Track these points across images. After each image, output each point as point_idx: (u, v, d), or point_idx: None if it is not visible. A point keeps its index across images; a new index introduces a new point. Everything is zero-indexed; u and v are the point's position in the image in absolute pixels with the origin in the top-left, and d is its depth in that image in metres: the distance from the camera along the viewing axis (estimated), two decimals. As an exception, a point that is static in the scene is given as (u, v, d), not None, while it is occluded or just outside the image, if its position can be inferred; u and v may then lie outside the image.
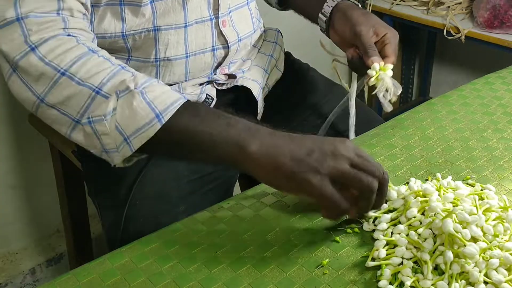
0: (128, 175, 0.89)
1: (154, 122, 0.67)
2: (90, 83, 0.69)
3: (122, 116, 0.68)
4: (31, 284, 1.61)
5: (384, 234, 0.66)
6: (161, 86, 0.70)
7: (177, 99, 0.69)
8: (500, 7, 1.68)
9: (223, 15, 0.93)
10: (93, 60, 0.71)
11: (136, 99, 0.68)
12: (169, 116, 0.67)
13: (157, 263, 0.65)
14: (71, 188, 1.40)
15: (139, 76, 0.70)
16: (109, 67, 0.71)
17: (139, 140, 0.68)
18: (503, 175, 0.78)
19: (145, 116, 0.67)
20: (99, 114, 0.69)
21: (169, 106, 0.68)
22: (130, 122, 0.68)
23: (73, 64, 0.70)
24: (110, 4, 0.83)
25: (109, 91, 0.69)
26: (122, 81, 0.69)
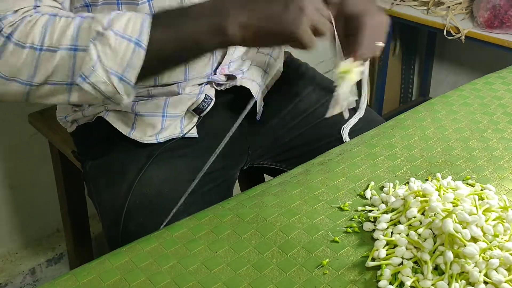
0: (128, 174, 0.89)
1: (136, 50, 0.70)
2: (64, 45, 0.71)
3: (107, 58, 0.70)
4: (31, 284, 1.62)
5: (384, 234, 0.66)
6: (121, 15, 0.72)
7: (143, 20, 0.71)
8: (500, 7, 1.68)
9: None
10: (56, 23, 0.72)
11: (110, 38, 0.70)
12: (146, 38, 0.70)
13: (157, 263, 0.65)
14: (71, 188, 1.40)
15: (99, 17, 0.72)
16: (72, 22, 0.72)
17: (133, 72, 0.71)
18: (503, 175, 0.78)
19: (127, 49, 0.70)
20: (87, 67, 0.71)
21: (141, 30, 0.71)
22: (116, 60, 0.70)
23: (44, 36, 0.71)
24: (107, 3, 0.83)
25: (84, 43, 0.71)
26: (89, 28, 0.71)
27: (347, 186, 0.77)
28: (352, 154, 0.84)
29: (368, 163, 0.82)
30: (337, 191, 0.76)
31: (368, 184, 0.77)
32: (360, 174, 0.79)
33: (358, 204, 0.73)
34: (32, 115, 1.35)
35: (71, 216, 1.44)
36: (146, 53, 0.70)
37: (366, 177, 0.79)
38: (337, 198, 0.75)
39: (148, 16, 0.72)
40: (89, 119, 0.97)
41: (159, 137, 0.92)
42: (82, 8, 0.83)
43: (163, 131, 0.92)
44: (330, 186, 0.77)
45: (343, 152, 0.85)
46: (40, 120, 1.33)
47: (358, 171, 0.80)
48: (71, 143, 1.10)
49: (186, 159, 0.93)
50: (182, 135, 0.93)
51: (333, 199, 0.75)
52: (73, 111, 0.98)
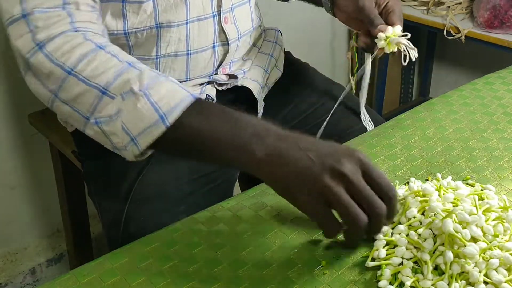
0: (128, 175, 0.89)
1: (159, 123, 0.67)
2: (96, 83, 0.69)
3: (127, 117, 0.68)
4: (31, 284, 1.62)
5: (384, 234, 0.66)
6: (168, 84, 0.69)
7: (183, 98, 0.68)
8: (500, 7, 1.68)
9: (226, 12, 0.94)
10: (99, 57, 0.70)
11: (140, 101, 0.67)
12: (174, 117, 0.67)
13: (157, 263, 0.65)
14: (71, 188, 1.40)
15: (146, 75, 0.69)
16: (116, 65, 0.70)
17: (146, 140, 0.68)
18: (503, 175, 0.78)
19: (150, 118, 0.67)
20: (105, 115, 0.69)
21: (174, 107, 0.67)
22: (135, 123, 0.68)
23: (79, 62, 0.70)
24: (113, 1, 0.83)
25: (115, 91, 0.69)
26: (127, 81, 0.68)
27: (347, 186, 0.77)
28: (352, 154, 0.84)
29: (368, 163, 0.82)
30: (337, 191, 0.76)
31: (368, 184, 0.77)
32: (360, 174, 0.79)
33: (358, 204, 0.73)
34: (32, 115, 1.35)
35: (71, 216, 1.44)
36: (166, 131, 0.67)
37: (366, 177, 0.79)
38: (337, 198, 0.75)
39: (190, 97, 0.68)
40: (89, 119, 0.96)
41: (160, 137, 0.92)
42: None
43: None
44: (330, 186, 0.77)
45: (343, 152, 0.85)
46: (40, 120, 1.33)
47: (358, 171, 0.80)
48: (71, 143, 1.10)
49: (186, 159, 0.92)
50: (182, 135, 0.93)
51: (333, 199, 0.74)
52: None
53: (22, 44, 0.71)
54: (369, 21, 0.88)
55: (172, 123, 0.67)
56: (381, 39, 0.86)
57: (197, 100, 0.69)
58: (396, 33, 0.86)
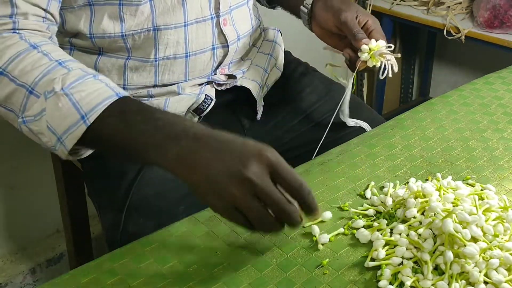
0: (128, 175, 0.89)
1: (79, 123, 0.66)
2: (24, 82, 0.69)
3: (51, 116, 0.68)
4: (31, 284, 1.61)
5: (383, 234, 0.66)
6: (95, 84, 0.68)
7: (105, 98, 0.67)
8: (500, 7, 1.68)
9: (224, 14, 0.93)
10: (30, 56, 0.70)
11: (61, 100, 0.67)
12: (94, 117, 0.66)
13: (157, 263, 0.65)
14: (71, 188, 1.40)
15: (72, 74, 0.69)
16: (45, 64, 0.70)
17: (70, 140, 0.68)
18: (503, 175, 0.78)
19: (71, 117, 0.67)
20: (31, 114, 0.70)
21: (95, 107, 0.66)
22: (59, 122, 0.67)
23: (11, 62, 0.70)
24: (109, 4, 0.83)
25: (40, 90, 0.69)
26: (52, 81, 0.68)
27: (347, 186, 0.77)
28: (352, 154, 0.84)
29: (368, 163, 0.82)
30: (337, 191, 0.76)
31: (368, 184, 0.77)
32: (360, 174, 0.79)
33: (358, 204, 0.73)
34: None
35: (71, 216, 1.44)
36: (87, 130, 0.67)
37: (366, 177, 0.79)
38: (337, 198, 0.75)
39: (114, 96, 0.67)
40: (89, 119, 0.96)
41: (159, 137, 0.92)
42: (85, 6, 0.83)
43: (163, 131, 0.92)
44: (330, 186, 0.77)
45: (343, 152, 0.85)
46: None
47: (358, 171, 0.80)
48: (71, 143, 1.10)
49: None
50: (182, 135, 0.93)
51: (333, 199, 0.75)
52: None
53: None
54: (351, 35, 0.89)
55: (92, 122, 0.66)
56: (365, 52, 0.86)
57: (122, 99, 0.68)
58: (380, 46, 0.86)
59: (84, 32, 0.85)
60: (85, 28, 0.85)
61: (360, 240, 0.67)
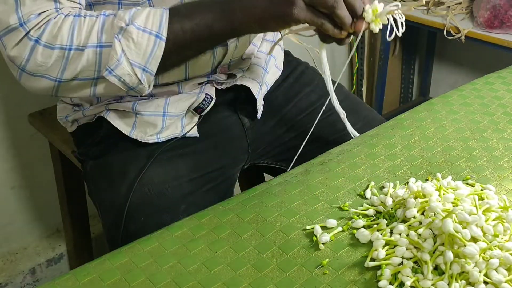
0: (128, 174, 0.89)
1: (157, 42, 0.75)
2: (91, 43, 0.75)
3: (130, 52, 0.75)
4: (31, 284, 1.62)
5: (383, 234, 0.66)
6: (141, 11, 0.76)
7: (161, 13, 0.75)
8: (500, 7, 1.68)
9: None
10: (82, 23, 0.76)
11: (132, 32, 0.74)
12: (165, 31, 0.75)
13: (157, 263, 0.65)
14: (71, 188, 1.40)
15: (120, 13, 0.76)
16: (96, 21, 0.76)
17: (154, 63, 0.76)
18: (503, 175, 0.79)
19: (148, 42, 0.75)
20: (113, 61, 0.75)
21: (160, 23, 0.75)
22: (139, 53, 0.75)
23: (72, 36, 0.75)
24: (109, 3, 0.83)
25: (109, 39, 0.75)
26: (113, 25, 0.75)
27: (347, 186, 0.77)
28: (352, 154, 0.84)
29: (368, 163, 0.82)
30: (337, 191, 0.76)
31: (368, 184, 0.77)
32: (360, 174, 0.79)
33: (358, 204, 0.73)
34: (32, 115, 1.35)
35: (71, 216, 1.44)
36: (166, 44, 0.75)
37: (366, 177, 0.79)
38: (337, 198, 0.75)
39: (166, 9, 0.76)
40: (89, 119, 0.97)
41: (160, 136, 0.92)
42: (86, 7, 0.84)
43: (164, 130, 0.93)
44: (330, 186, 0.77)
45: (343, 152, 0.85)
46: (40, 120, 1.33)
47: (358, 171, 0.80)
48: (71, 143, 1.10)
49: (187, 158, 0.93)
50: (183, 135, 0.93)
51: (333, 199, 0.75)
52: (74, 111, 0.98)
53: (18, 51, 0.75)
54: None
55: (167, 35, 0.75)
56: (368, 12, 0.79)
57: (171, 8, 0.77)
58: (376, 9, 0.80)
59: None
60: None
61: (360, 240, 0.67)
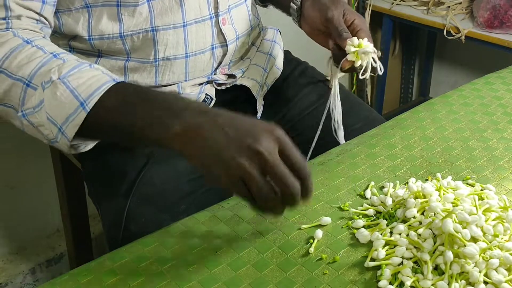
0: (128, 174, 0.89)
1: (79, 110, 0.67)
2: (20, 76, 0.70)
3: (50, 106, 0.68)
4: (31, 284, 1.61)
5: (383, 234, 0.66)
6: (91, 71, 0.69)
7: (102, 84, 0.67)
8: (500, 7, 1.68)
9: (223, 13, 0.94)
10: (25, 51, 0.71)
11: (59, 89, 0.67)
12: (93, 103, 0.67)
13: (157, 263, 0.65)
14: (71, 188, 1.40)
15: (67, 64, 0.69)
16: (40, 57, 0.70)
17: (71, 129, 0.68)
18: (503, 175, 0.78)
19: (71, 105, 0.67)
20: (30, 106, 0.70)
21: (93, 93, 0.67)
22: (58, 111, 0.68)
23: (6, 58, 0.70)
24: (108, 5, 0.83)
25: (37, 82, 0.69)
26: (48, 72, 0.69)
27: (347, 186, 0.77)
28: (352, 154, 0.84)
29: (368, 163, 0.82)
30: (337, 191, 0.76)
31: (368, 184, 0.77)
32: (360, 174, 0.79)
33: (358, 204, 0.73)
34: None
35: (71, 216, 1.44)
36: (87, 117, 0.67)
37: (366, 177, 0.79)
38: (337, 198, 0.75)
39: (111, 82, 0.68)
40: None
41: (160, 136, 0.92)
42: (82, 9, 0.83)
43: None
44: (330, 186, 0.77)
45: (343, 152, 0.85)
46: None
47: (358, 171, 0.80)
48: (71, 143, 1.10)
49: (187, 158, 0.92)
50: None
51: (333, 199, 0.75)
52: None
53: None
54: (337, 33, 0.88)
55: (91, 108, 0.66)
56: (349, 52, 0.85)
57: (119, 84, 0.68)
58: (363, 45, 0.85)
59: (82, 35, 0.85)
60: (83, 30, 0.85)
61: (360, 240, 0.67)
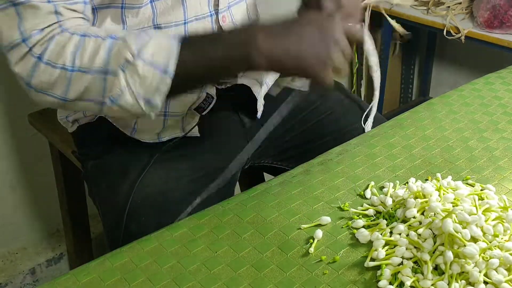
0: (129, 175, 0.89)
1: (164, 77, 0.72)
2: (96, 68, 0.73)
3: (135, 85, 0.73)
4: (31, 284, 1.61)
5: (383, 234, 0.66)
6: (152, 40, 0.74)
7: (171, 46, 0.73)
8: (500, 7, 1.68)
9: (223, 11, 0.93)
10: (87, 44, 0.74)
11: (138, 66, 0.72)
12: (173, 67, 0.72)
13: (157, 263, 0.65)
14: (71, 188, 1.40)
15: (130, 41, 0.73)
16: (102, 44, 0.74)
17: (159, 97, 0.74)
18: (503, 175, 0.79)
19: (154, 77, 0.72)
20: (116, 92, 0.73)
21: (169, 57, 0.72)
22: (144, 86, 0.73)
23: (75, 57, 0.73)
24: (112, 7, 0.83)
25: (114, 67, 0.73)
26: (119, 54, 0.73)
27: (347, 186, 0.77)
28: (352, 154, 0.84)
29: (368, 163, 0.82)
30: (337, 191, 0.76)
31: (368, 184, 0.77)
32: (360, 174, 0.79)
33: (358, 204, 0.73)
34: (32, 115, 1.35)
35: (71, 216, 1.44)
36: (173, 80, 0.73)
37: (366, 177, 0.79)
38: (337, 198, 0.75)
39: (177, 40, 0.74)
40: (90, 119, 0.97)
41: (161, 136, 0.92)
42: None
43: (165, 130, 0.92)
44: (330, 186, 0.77)
45: (343, 152, 0.85)
46: (40, 120, 1.33)
47: (358, 171, 0.80)
48: (71, 143, 1.10)
49: (188, 158, 0.93)
50: (183, 135, 0.93)
51: (333, 199, 0.75)
52: (74, 111, 0.98)
53: (22, 67, 0.73)
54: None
55: (173, 72, 0.72)
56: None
57: (183, 42, 0.74)
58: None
59: None
60: None
61: (360, 240, 0.67)
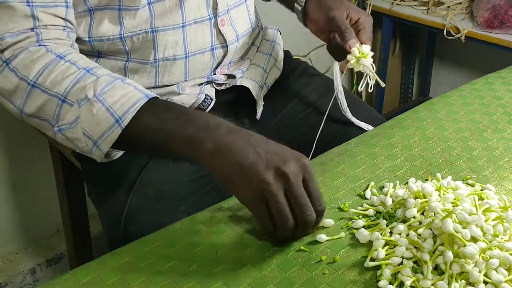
0: (128, 175, 0.89)
1: (115, 126, 0.70)
2: (55, 92, 0.72)
3: (86, 122, 0.71)
4: (31, 284, 1.61)
5: (383, 234, 0.66)
6: (124, 88, 0.72)
7: (136, 100, 0.70)
8: (500, 7, 1.68)
9: (222, 14, 0.94)
10: (59, 67, 0.73)
11: (94, 106, 0.70)
12: (128, 120, 0.70)
13: (157, 263, 0.65)
14: (71, 188, 1.40)
15: (101, 80, 0.72)
16: (74, 73, 0.73)
17: (106, 143, 0.71)
18: (503, 175, 0.79)
19: (106, 122, 0.70)
20: (66, 122, 0.72)
21: (128, 110, 0.70)
22: (94, 128, 0.71)
23: (41, 74, 0.72)
24: (109, 9, 0.83)
25: (73, 98, 0.71)
26: (83, 88, 0.71)
27: (347, 186, 0.77)
28: (352, 154, 0.84)
29: (368, 163, 0.82)
30: (337, 191, 0.76)
31: (368, 184, 0.77)
32: (360, 174, 0.79)
33: (358, 204, 0.73)
34: (32, 115, 1.35)
35: (71, 216, 1.44)
36: (122, 133, 0.70)
37: (366, 177, 0.79)
38: (337, 198, 0.75)
39: (145, 98, 0.71)
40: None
41: (160, 137, 0.92)
42: (85, 13, 0.83)
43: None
44: (330, 186, 0.77)
45: (343, 152, 0.85)
46: (40, 120, 1.33)
47: (358, 171, 0.80)
48: (71, 143, 1.10)
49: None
50: (182, 135, 0.93)
51: (333, 199, 0.75)
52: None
53: None
54: (340, 33, 0.89)
55: (127, 125, 0.70)
56: (351, 59, 0.86)
57: (152, 100, 0.71)
58: (364, 52, 0.86)
59: (82, 37, 0.85)
60: (84, 32, 0.85)
61: (360, 240, 0.67)
